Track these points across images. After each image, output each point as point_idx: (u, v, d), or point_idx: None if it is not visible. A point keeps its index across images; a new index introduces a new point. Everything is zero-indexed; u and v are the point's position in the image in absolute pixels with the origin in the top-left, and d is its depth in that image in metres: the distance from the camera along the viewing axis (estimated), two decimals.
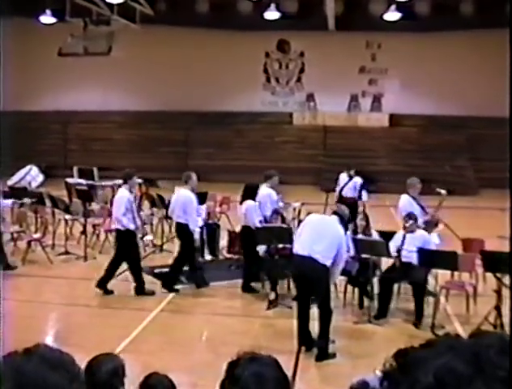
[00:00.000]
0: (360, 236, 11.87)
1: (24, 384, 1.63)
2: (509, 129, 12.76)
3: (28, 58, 30.57)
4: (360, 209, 16.40)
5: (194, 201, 12.84)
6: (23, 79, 30.35)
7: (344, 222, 9.67)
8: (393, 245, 11.28)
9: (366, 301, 11.43)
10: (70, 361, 1.77)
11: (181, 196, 12.96)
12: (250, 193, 13.17)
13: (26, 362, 1.68)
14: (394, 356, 1.41)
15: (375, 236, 12.05)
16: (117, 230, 12.66)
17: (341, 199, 16.83)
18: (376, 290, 11.43)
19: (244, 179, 14.17)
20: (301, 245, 9.41)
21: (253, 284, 12.82)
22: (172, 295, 12.46)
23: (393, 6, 26.60)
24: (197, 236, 12.97)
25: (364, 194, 18.11)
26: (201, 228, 13.40)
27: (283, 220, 13.39)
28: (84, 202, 16.57)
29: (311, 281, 9.36)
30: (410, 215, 11.72)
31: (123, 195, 12.51)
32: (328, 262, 9.23)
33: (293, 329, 10.06)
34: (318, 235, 9.32)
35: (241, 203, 13.24)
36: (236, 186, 14.55)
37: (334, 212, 9.79)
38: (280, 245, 12.11)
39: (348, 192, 18.07)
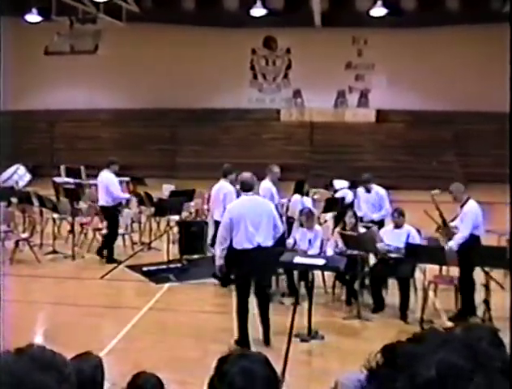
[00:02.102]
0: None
1: (12, 383, 1.63)
2: (509, 124, 12.75)
3: (14, 57, 30.41)
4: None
5: (271, 193, 13.52)
6: (8, 78, 30.20)
7: (252, 188, 9.78)
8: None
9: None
10: (61, 362, 1.77)
11: (261, 188, 13.48)
12: (299, 188, 14.03)
13: (15, 362, 1.68)
14: (381, 352, 1.41)
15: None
16: None
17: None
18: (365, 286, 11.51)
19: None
20: (244, 241, 9.46)
21: None
22: (160, 293, 12.46)
23: (379, 2, 26.64)
24: None
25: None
26: None
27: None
28: (72, 201, 16.54)
29: (258, 268, 9.52)
30: (398, 211, 11.78)
31: (231, 190, 13.05)
32: (270, 242, 9.60)
33: (283, 325, 10.08)
34: (255, 226, 9.44)
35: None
36: None
37: (244, 190, 9.83)
38: None
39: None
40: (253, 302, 10.28)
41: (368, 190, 13.80)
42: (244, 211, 9.53)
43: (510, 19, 11.83)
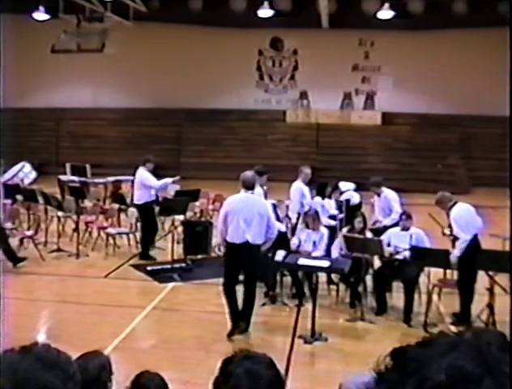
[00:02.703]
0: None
1: (16, 382, 1.62)
2: (509, 128, 12.72)
3: (21, 55, 30.47)
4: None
5: (301, 192, 14.07)
6: (15, 75, 30.24)
7: (252, 187, 10.24)
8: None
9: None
10: (66, 361, 1.76)
11: (292, 189, 14.21)
12: (321, 190, 14.80)
13: (20, 360, 1.68)
14: (390, 355, 1.41)
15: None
16: None
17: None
18: (369, 288, 11.50)
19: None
20: (234, 235, 9.96)
21: None
22: (164, 292, 12.47)
23: (386, 5, 26.62)
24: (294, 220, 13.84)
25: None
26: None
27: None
28: (77, 199, 16.56)
29: (245, 263, 10.05)
30: (406, 213, 11.78)
31: (259, 191, 13.10)
32: (261, 241, 10.04)
33: (286, 326, 10.07)
34: (246, 222, 9.90)
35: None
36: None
37: (245, 187, 10.23)
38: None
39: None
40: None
41: (378, 194, 13.63)
42: (238, 207, 10.02)
43: (510, 22, 11.78)
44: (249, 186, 10.19)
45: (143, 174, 15.33)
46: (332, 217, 13.95)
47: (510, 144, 10.64)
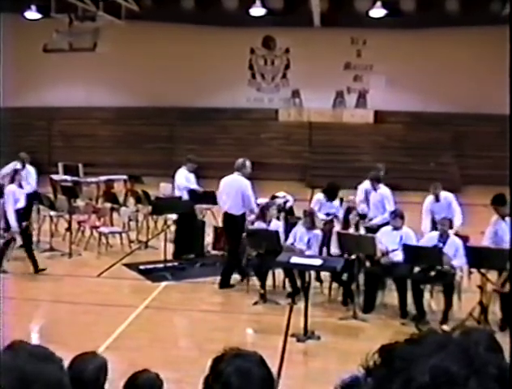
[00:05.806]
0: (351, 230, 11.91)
1: (20, 379, 1.63)
2: (509, 127, 12.75)
3: (13, 54, 30.39)
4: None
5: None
6: (7, 74, 30.18)
7: (239, 170, 12.86)
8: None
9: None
10: (52, 354, 1.78)
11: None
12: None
13: (14, 358, 1.68)
14: (378, 352, 1.41)
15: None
16: None
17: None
18: (362, 286, 11.50)
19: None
20: (221, 205, 13.12)
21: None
22: (156, 291, 12.46)
23: (378, 3, 26.59)
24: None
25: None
26: None
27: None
28: (69, 198, 16.52)
29: (228, 228, 12.95)
30: (395, 212, 11.78)
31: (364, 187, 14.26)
32: (239, 212, 12.63)
33: (278, 324, 10.08)
34: (227, 196, 12.76)
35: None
36: None
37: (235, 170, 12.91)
38: None
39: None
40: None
41: (374, 189, 13.56)
42: (224, 184, 12.96)
43: (510, 21, 11.81)
44: (237, 169, 12.85)
45: (180, 174, 16.05)
46: (328, 215, 13.76)
47: (510, 143, 10.68)
